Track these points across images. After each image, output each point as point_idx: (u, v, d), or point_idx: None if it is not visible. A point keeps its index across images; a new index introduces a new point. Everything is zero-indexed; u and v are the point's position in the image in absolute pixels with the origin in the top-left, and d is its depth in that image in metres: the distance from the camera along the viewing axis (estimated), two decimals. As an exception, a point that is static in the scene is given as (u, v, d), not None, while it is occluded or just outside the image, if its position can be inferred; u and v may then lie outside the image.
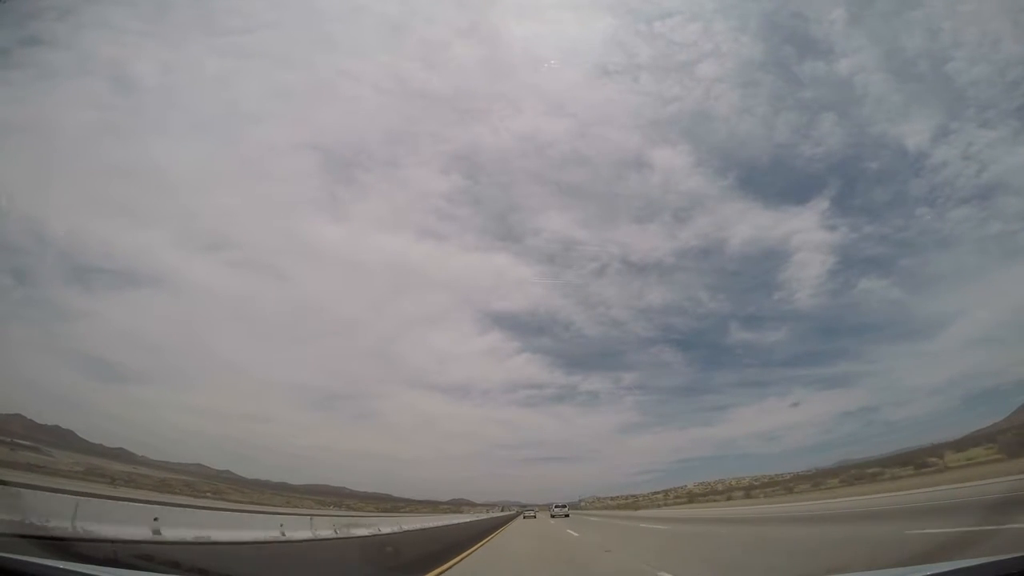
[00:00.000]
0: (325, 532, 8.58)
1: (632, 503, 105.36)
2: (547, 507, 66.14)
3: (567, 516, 46.11)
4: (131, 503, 5.41)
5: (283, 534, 7.01)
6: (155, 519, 5.11)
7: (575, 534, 18.70)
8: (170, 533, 5.16)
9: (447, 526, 17.08)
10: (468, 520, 22.31)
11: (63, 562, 3.49)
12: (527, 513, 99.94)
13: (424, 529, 14.10)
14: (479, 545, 13.63)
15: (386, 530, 11.51)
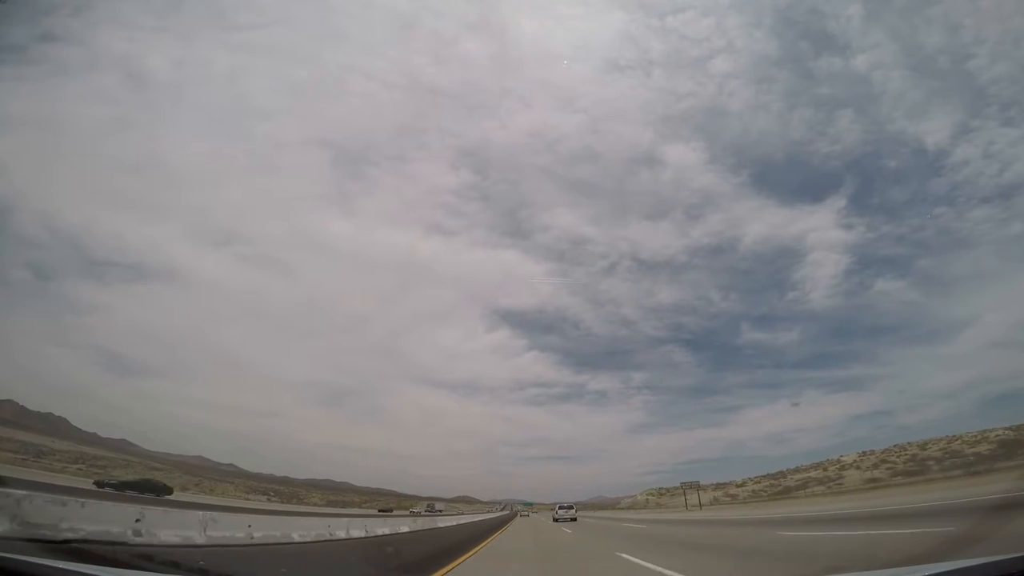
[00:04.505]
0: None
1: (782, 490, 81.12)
2: (552, 507, 53.01)
3: (574, 520, 37.04)
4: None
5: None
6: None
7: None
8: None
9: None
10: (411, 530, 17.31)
11: (63, 562, 3.51)
12: (523, 512, 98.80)
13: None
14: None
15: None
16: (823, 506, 32.56)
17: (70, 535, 4.41)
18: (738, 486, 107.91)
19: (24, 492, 4.52)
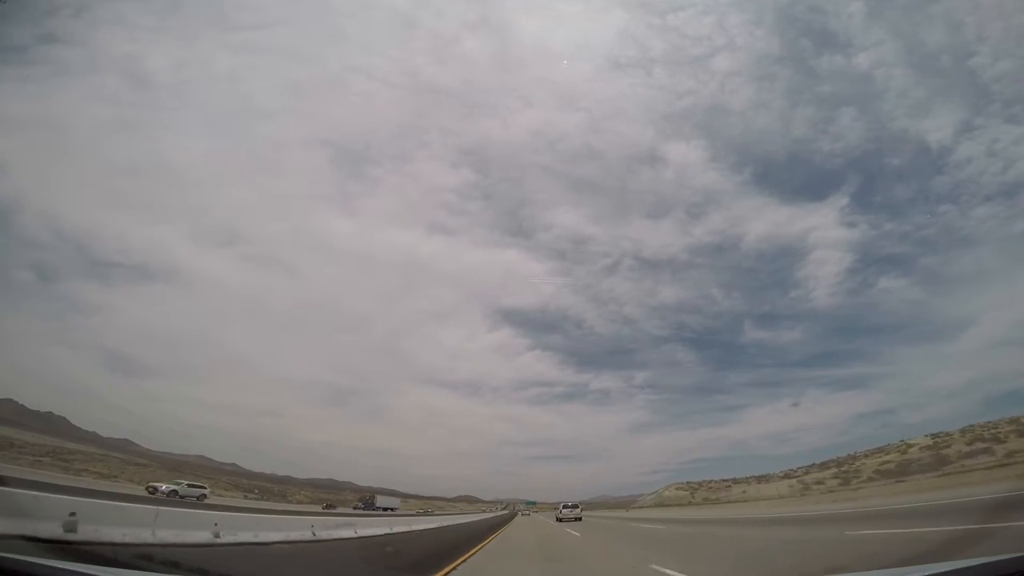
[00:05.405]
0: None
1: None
2: (555, 506, 49.14)
3: (579, 519, 35.94)
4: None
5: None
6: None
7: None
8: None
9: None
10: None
11: (63, 562, 3.51)
12: (523, 512, 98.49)
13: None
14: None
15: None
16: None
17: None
18: (782, 477, 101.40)
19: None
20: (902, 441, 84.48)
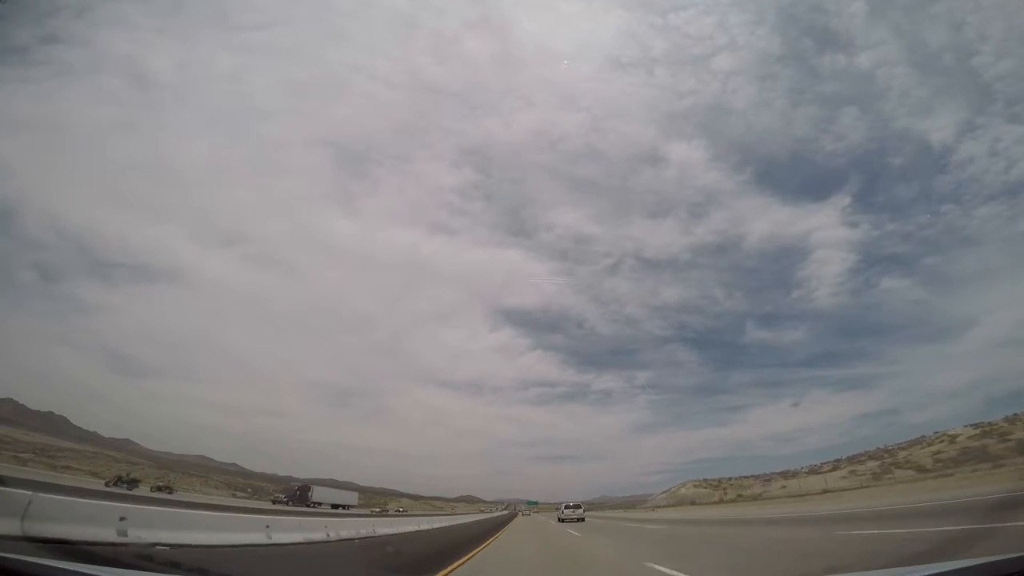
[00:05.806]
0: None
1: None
2: (557, 507, 45.73)
3: (582, 520, 35.05)
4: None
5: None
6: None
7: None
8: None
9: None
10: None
11: (63, 562, 3.51)
12: (524, 512, 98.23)
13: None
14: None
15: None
16: None
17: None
18: (810, 473, 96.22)
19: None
20: (938, 432, 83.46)
